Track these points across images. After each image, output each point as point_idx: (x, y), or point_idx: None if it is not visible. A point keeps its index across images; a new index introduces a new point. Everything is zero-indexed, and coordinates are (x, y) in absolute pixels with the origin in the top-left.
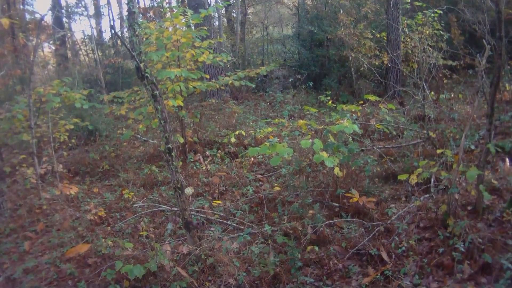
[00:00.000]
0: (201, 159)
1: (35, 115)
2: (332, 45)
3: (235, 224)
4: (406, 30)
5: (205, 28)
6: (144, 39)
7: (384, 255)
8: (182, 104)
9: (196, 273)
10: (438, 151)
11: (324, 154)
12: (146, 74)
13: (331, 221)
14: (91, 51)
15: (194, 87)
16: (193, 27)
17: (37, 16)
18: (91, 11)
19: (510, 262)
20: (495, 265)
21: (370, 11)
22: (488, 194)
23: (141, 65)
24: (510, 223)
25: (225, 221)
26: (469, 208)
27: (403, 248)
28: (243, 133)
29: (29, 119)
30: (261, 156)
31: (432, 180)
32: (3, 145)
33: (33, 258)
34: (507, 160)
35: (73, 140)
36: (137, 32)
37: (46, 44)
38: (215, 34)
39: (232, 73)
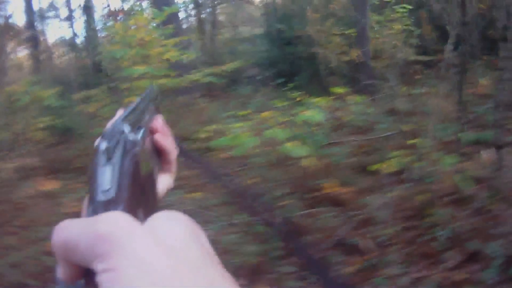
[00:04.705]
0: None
1: (6, 113)
2: (301, 43)
3: (212, 214)
4: (376, 26)
5: (171, 26)
6: (111, 38)
7: (367, 245)
8: None
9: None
10: (409, 142)
11: (290, 145)
12: (100, 67)
13: (306, 211)
14: (64, 53)
15: (162, 84)
16: (160, 26)
17: (10, 20)
18: (64, 14)
19: (496, 250)
20: (481, 253)
21: (337, 8)
22: (467, 184)
23: (97, 57)
24: (492, 212)
25: (202, 212)
26: (450, 198)
27: (385, 237)
28: (213, 128)
29: None
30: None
31: (406, 171)
32: None
33: (17, 252)
34: (485, 151)
35: (49, 139)
36: (92, 26)
37: (20, 48)
38: (183, 33)
39: (199, 71)
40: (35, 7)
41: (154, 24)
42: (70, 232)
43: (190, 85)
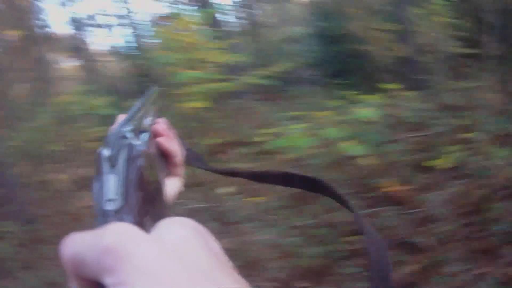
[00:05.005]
0: (231, 159)
1: (57, 124)
2: (347, 40)
3: (272, 217)
4: (418, 20)
5: (218, 29)
6: (159, 44)
7: (427, 243)
8: (205, 106)
9: (237, 268)
10: (462, 136)
11: (348, 143)
12: (146, 73)
13: (365, 211)
14: (113, 62)
15: (214, 88)
16: (208, 30)
17: (49, 30)
18: (111, 22)
19: None
20: None
21: (378, 3)
22: None
23: (145, 66)
24: None
25: (262, 216)
26: (505, 192)
27: (443, 235)
28: (270, 131)
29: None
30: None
31: (461, 166)
32: (31, 156)
33: None
34: None
35: None
36: (139, 33)
37: (67, 58)
38: (231, 35)
39: (250, 73)
40: (79, 16)
41: (201, 27)
42: (77, 246)
43: (242, 88)
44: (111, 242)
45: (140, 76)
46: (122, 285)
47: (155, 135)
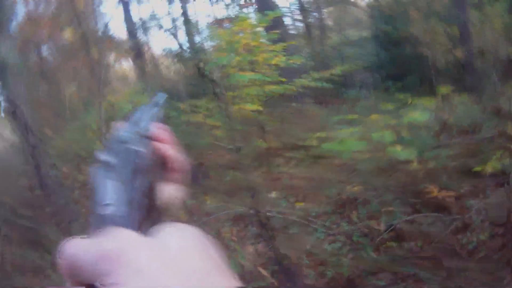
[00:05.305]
0: (284, 163)
1: (106, 123)
2: (406, 44)
3: (315, 226)
4: (476, 23)
5: (277, 31)
6: (216, 46)
7: (456, 251)
8: (260, 108)
9: (276, 274)
10: None
11: (397, 147)
12: (205, 72)
13: (411, 217)
14: (169, 63)
15: (271, 91)
16: (266, 32)
17: (107, 31)
18: (168, 24)
19: None
20: None
21: (438, 6)
22: None
23: (201, 63)
24: None
25: (305, 222)
26: None
27: (474, 243)
28: (324, 135)
29: (100, 127)
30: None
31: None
32: (76, 156)
33: None
34: None
35: None
36: (196, 35)
37: (123, 59)
38: (290, 38)
39: (308, 76)
40: (136, 18)
41: (259, 29)
42: (75, 251)
43: (300, 91)
44: (109, 247)
45: (195, 78)
46: (118, 286)
47: (155, 140)
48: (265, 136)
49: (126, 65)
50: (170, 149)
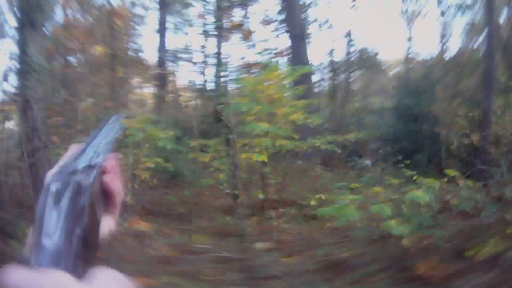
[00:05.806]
0: (278, 217)
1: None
2: (426, 121)
3: (297, 283)
4: (499, 110)
5: (302, 87)
6: (240, 90)
7: None
8: (266, 160)
9: None
10: (510, 231)
11: (393, 222)
12: (221, 117)
13: None
14: (190, 98)
15: (281, 145)
16: (292, 85)
17: (141, 55)
18: (198, 58)
19: None
20: None
21: (465, 88)
22: None
23: (220, 106)
24: None
25: (290, 278)
26: None
27: None
28: (323, 197)
29: None
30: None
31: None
32: None
33: None
34: None
35: (154, 181)
36: (222, 76)
37: (147, 84)
38: (314, 96)
39: (322, 137)
40: (170, 46)
41: (286, 82)
42: (17, 280)
43: (310, 150)
44: None
45: (212, 118)
46: None
47: (103, 171)
48: (265, 188)
49: (147, 90)
50: (116, 183)
